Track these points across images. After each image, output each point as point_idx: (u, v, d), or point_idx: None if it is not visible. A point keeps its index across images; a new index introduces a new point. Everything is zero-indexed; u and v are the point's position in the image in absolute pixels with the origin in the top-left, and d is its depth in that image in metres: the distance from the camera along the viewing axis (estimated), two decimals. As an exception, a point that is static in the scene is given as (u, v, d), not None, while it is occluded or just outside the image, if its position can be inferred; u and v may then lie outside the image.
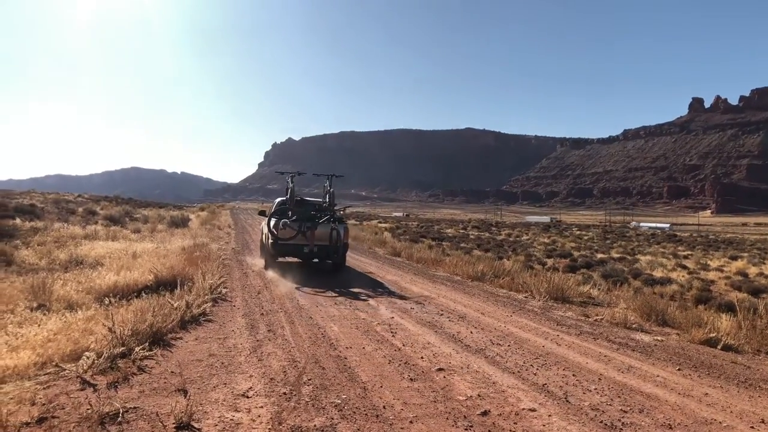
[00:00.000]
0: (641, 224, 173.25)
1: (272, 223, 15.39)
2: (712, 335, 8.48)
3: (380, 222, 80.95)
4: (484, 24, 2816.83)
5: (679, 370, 6.94)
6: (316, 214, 16.19)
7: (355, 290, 12.76)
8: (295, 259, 16.60)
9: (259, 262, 17.36)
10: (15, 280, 11.51)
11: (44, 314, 8.43)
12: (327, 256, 15.94)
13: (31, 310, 8.73)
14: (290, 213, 16.09)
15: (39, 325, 7.64)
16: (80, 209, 39.00)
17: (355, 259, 19.88)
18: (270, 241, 15.39)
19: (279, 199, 17.71)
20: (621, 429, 5.00)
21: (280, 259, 16.37)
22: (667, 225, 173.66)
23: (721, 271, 31.34)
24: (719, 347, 8.21)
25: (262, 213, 19.24)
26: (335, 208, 17.01)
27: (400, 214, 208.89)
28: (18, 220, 25.36)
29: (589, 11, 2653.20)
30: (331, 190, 17.15)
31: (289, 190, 17.05)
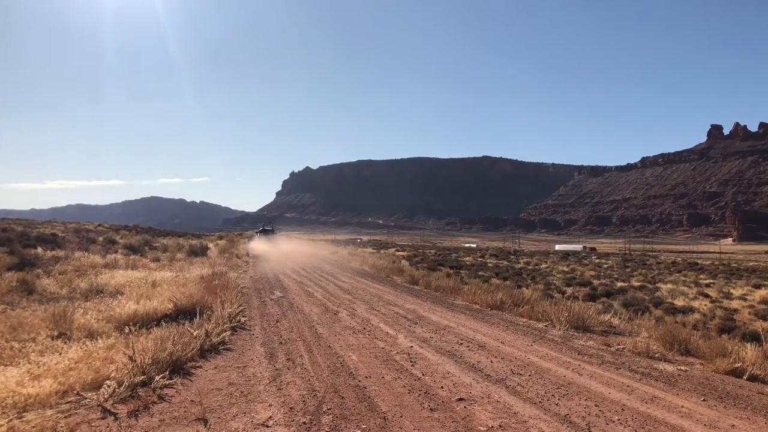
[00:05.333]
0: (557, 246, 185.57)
1: (257, 232, 78.91)
2: (737, 365, 8.32)
3: (397, 250, 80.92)
4: (499, 53, 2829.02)
5: (704, 400, 6.81)
6: (267, 230, 78.43)
7: (374, 319, 12.71)
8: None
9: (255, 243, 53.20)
10: (36, 308, 11.65)
11: (65, 343, 8.51)
12: (270, 242, 61.55)
13: (53, 339, 8.82)
14: (261, 229, 79.25)
15: (60, 354, 7.71)
16: (100, 238, 39.45)
17: (374, 288, 19.86)
18: (256, 234, 74.21)
19: (259, 225, 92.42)
20: (646, 461, 4.91)
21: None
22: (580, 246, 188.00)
23: (745, 299, 30.78)
24: (745, 377, 8.05)
25: (257, 231, 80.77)
26: (271, 227, 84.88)
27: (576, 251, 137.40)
28: (40, 249, 25.71)
29: (605, 38, 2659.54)
30: (272, 224, 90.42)
31: (263, 224, 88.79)
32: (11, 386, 6.12)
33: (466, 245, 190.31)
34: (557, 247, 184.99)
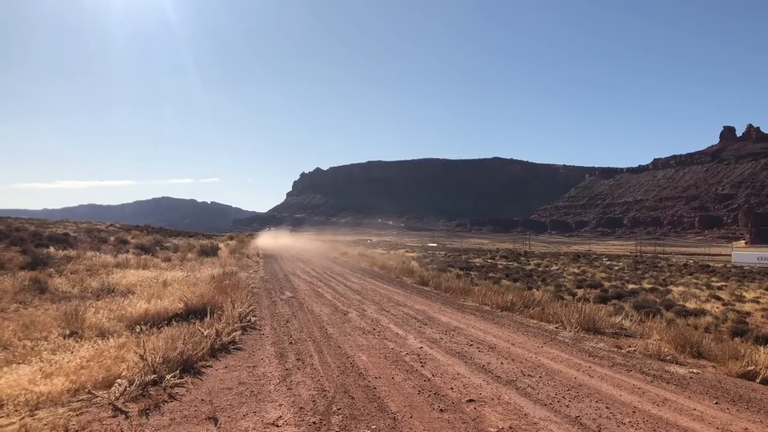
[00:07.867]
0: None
1: (267, 229, 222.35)
2: (750, 368, 8.24)
3: (407, 251, 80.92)
4: (510, 54, 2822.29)
5: (716, 403, 6.75)
6: (272, 229, 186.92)
7: (383, 320, 12.71)
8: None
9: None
10: (48, 307, 11.72)
11: (77, 341, 8.55)
12: (273, 238, 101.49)
13: (64, 338, 8.87)
14: (268, 229, 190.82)
15: (72, 352, 7.75)
16: (112, 238, 39.65)
17: (384, 288, 19.84)
18: (267, 231, 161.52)
19: (266, 228, 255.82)
20: (658, 464, 4.88)
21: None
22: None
23: (758, 302, 30.49)
24: (758, 381, 7.98)
25: (265, 231, 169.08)
26: (276, 228, 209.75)
27: None
28: (52, 249, 25.88)
29: (617, 39, 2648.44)
30: (275, 227, 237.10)
31: (269, 226, 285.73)
32: (24, 384, 6.16)
33: (428, 244, 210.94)
34: (734, 255, 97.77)
